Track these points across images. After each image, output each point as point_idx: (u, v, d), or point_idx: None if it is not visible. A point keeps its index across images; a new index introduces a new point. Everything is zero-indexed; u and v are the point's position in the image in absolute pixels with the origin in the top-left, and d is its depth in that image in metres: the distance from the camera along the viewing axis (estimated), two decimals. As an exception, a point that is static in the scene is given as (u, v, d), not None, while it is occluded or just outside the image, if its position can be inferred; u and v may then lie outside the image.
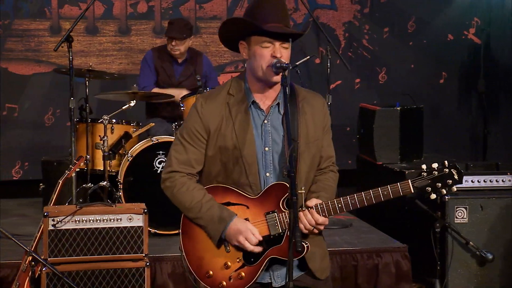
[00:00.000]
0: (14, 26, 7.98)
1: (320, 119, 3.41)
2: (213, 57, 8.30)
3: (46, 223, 4.78)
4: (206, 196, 3.28)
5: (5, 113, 7.99)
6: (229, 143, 3.27)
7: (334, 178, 3.47)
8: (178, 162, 3.33)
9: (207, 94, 3.40)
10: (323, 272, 3.42)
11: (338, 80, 8.70)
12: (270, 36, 3.20)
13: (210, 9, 8.37)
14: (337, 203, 3.22)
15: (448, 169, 3.19)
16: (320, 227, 3.24)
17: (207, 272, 3.28)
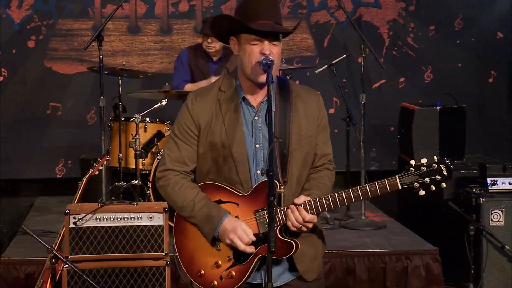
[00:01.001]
0: (57, 26, 8.11)
1: (314, 116, 3.34)
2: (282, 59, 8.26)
3: (67, 221, 4.83)
4: (199, 194, 3.26)
5: (49, 112, 8.13)
6: (219, 140, 3.24)
7: (330, 176, 3.38)
8: (171, 160, 3.31)
9: (199, 91, 3.38)
10: (311, 274, 3.34)
11: (381, 79, 8.56)
12: (258, 34, 3.16)
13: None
14: (325, 200, 3.14)
15: (436, 165, 3.06)
16: (308, 224, 3.17)
17: (199, 271, 3.26)
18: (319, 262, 3.42)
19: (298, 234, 3.23)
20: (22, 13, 8.04)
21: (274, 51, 3.18)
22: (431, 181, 3.05)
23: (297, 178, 3.28)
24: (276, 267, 3.28)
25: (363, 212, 6.53)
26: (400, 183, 3.08)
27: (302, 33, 8.44)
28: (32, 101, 8.11)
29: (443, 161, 3.06)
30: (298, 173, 3.28)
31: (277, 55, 3.21)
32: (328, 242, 5.65)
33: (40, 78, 8.13)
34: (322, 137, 3.37)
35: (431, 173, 3.05)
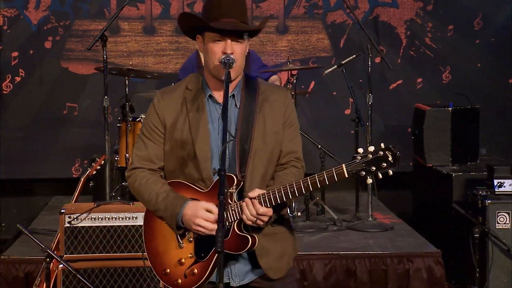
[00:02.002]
0: (74, 26, 8.18)
1: (279, 113, 3.32)
2: (269, 56, 8.26)
3: (62, 220, 4.89)
4: (164, 187, 3.26)
5: (66, 112, 8.20)
6: (183, 137, 3.24)
7: (296, 174, 3.32)
8: (138, 159, 3.33)
9: (165, 89, 3.40)
10: (276, 272, 3.31)
11: (398, 80, 8.47)
12: (220, 32, 3.16)
13: (266, 8, 8.33)
14: (277, 192, 3.10)
15: (382, 152, 3.00)
16: (263, 217, 3.12)
17: (164, 269, 3.26)
18: (287, 261, 3.38)
19: (260, 230, 3.21)
20: (39, 14, 8.13)
21: (237, 50, 3.18)
22: (377, 168, 2.99)
23: (262, 174, 3.26)
24: (241, 265, 3.28)
25: (370, 214, 6.47)
26: (346, 171, 3.02)
27: (318, 33, 8.39)
28: (49, 101, 8.19)
29: (389, 148, 2.99)
30: (263, 170, 3.26)
31: (241, 54, 3.21)
32: (331, 244, 5.75)
33: (56, 78, 8.20)
34: (289, 134, 3.34)
35: (377, 160, 2.98)
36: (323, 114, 8.36)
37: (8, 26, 8.13)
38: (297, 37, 8.37)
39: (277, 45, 8.35)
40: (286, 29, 8.36)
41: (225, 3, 3.20)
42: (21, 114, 8.16)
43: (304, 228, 6.27)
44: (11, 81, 8.15)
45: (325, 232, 6.23)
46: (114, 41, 8.12)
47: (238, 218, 3.15)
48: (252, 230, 3.20)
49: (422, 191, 7.46)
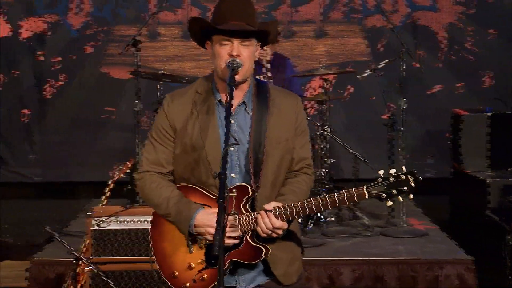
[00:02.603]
0: (113, 32, 8.31)
1: (290, 120, 3.31)
2: (306, 61, 8.25)
3: (90, 223, 4.95)
4: (174, 192, 3.26)
5: (105, 116, 8.31)
6: (194, 142, 3.24)
7: (307, 181, 3.33)
8: (148, 162, 3.34)
9: (175, 93, 3.39)
10: (288, 278, 3.31)
11: (438, 84, 8.37)
12: (226, 34, 3.16)
13: (304, 13, 8.32)
14: (294, 207, 3.10)
15: (404, 176, 2.99)
16: (278, 231, 3.13)
17: (173, 272, 3.27)
18: (298, 266, 3.39)
19: (272, 240, 3.21)
20: (80, 20, 8.28)
21: (244, 53, 3.17)
22: (398, 192, 2.99)
23: (272, 181, 3.25)
24: (249, 271, 3.28)
25: (403, 220, 6.39)
26: (367, 193, 3.02)
27: (356, 38, 8.36)
28: (88, 105, 8.32)
29: (412, 173, 3.00)
30: (273, 177, 3.25)
31: (248, 56, 3.19)
32: (360, 249, 5.70)
33: (96, 83, 8.34)
34: (300, 141, 3.34)
35: (398, 184, 2.99)
36: (360, 118, 8.31)
37: (50, 31, 8.28)
38: (334, 41, 8.35)
39: (314, 49, 8.34)
40: (323, 34, 8.34)
41: (232, 7, 3.20)
42: (61, 118, 8.32)
43: (335, 233, 6.23)
44: (53, 86, 8.31)
45: (356, 238, 6.18)
46: (152, 46, 8.22)
47: (252, 229, 3.15)
48: (264, 240, 3.20)
49: (458, 197, 7.36)
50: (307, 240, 5.92)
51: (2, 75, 8.30)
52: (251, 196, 3.17)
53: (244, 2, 3.24)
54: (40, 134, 8.33)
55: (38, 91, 8.32)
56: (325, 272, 5.45)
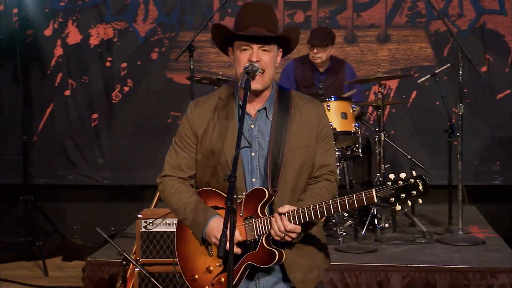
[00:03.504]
0: (179, 38, 8.44)
1: (312, 126, 3.33)
2: (370, 66, 8.19)
3: (139, 225, 5.07)
4: (193, 197, 3.32)
5: (170, 121, 8.46)
6: (215, 147, 3.30)
7: (328, 187, 3.34)
8: (170, 167, 3.42)
9: (199, 99, 3.47)
10: (305, 285, 3.33)
11: (506, 90, 8.17)
12: (246, 40, 3.19)
13: (367, 17, 8.27)
14: (307, 211, 3.13)
15: (413, 180, 2.98)
16: (291, 234, 3.15)
17: (193, 275, 3.35)
18: (317, 274, 3.40)
19: (290, 245, 3.23)
20: (147, 26, 8.46)
21: (264, 58, 3.21)
22: (407, 196, 2.97)
23: (292, 187, 3.28)
24: (269, 277, 3.32)
25: (460, 227, 6.28)
26: (376, 196, 3.02)
27: (420, 42, 8.24)
28: (154, 110, 8.48)
29: (420, 177, 2.98)
30: (293, 183, 3.28)
31: (268, 62, 3.23)
32: (413, 256, 5.64)
33: (162, 88, 8.49)
34: (322, 148, 3.35)
35: (407, 188, 2.99)
36: (425, 124, 8.18)
37: (118, 38, 8.50)
38: (398, 46, 8.26)
39: (378, 54, 8.28)
40: (387, 38, 8.27)
41: (252, 14, 3.25)
42: (128, 122, 8.50)
43: (390, 240, 6.18)
44: (120, 91, 8.52)
45: (411, 245, 6.12)
46: (216, 52, 8.31)
47: (267, 232, 3.18)
48: (281, 245, 3.22)
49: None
50: (359, 246, 5.91)
51: (72, 80, 8.54)
52: (268, 199, 3.20)
53: (265, 9, 3.28)
54: (108, 138, 8.54)
55: (106, 96, 8.53)
56: (374, 278, 5.42)
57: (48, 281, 6.84)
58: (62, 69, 8.56)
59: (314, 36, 6.96)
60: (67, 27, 8.52)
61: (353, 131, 6.34)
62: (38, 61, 8.57)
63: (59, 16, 8.53)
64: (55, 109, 8.59)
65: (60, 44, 8.54)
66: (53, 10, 8.53)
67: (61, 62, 8.55)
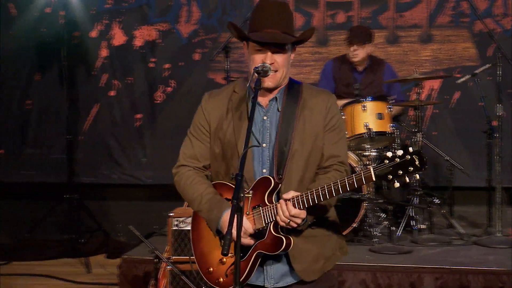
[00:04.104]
0: (220, 39, 8.49)
1: (320, 117, 3.35)
2: (412, 66, 8.05)
3: (170, 223, 5.13)
4: (208, 189, 3.36)
5: (212, 120, 8.50)
6: (227, 139, 3.34)
7: (337, 177, 3.30)
8: (185, 157, 3.47)
9: (213, 91, 3.52)
10: (309, 274, 3.33)
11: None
12: (259, 43, 3.21)
13: (410, 17, 8.21)
14: (310, 194, 3.14)
15: (409, 156, 2.96)
16: (295, 219, 3.16)
17: (208, 268, 3.39)
18: (323, 264, 3.40)
19: (298, 233, 3.24)
20: (189, 28, 8.55)
21: (278, 60, 3.25)
22: (404, 172, 2.96)
23: (300, 176, 3.30)
24: (277, 268, 3.34)
25: (498, 229, 6.20)
26: (374, 174, 3.01)
27: (464, 42, 8.15)
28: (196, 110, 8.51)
29: (417, 152, 2.97)
30: (300, 172, 3.30)
31: (282, 63, 3.28)
32: (447, 258, 5.58)
33: (203, 89, 8.52)
34: (331, 138, 3.36)
35: (404, 164, 2.97)
36: (467, 125, 8.08)
37: (161, 39, 8.60)
38: (441, 46, 8.18)
39: (420, 54, 8.21)
40: (430, 38, 8.20)
41: (267, 15, 3.27)
42: (170, 122, 8.59)
43: (426, 241, 6.13)
44: (163, 91, 8.63)
45: (447, 246, 6.06)
46: (256, 52, 8.34)
47: (274, 220, 3.21)
48: (289, 232, 3.24)
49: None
50: (393, 247, 5.88)
51: (117, 81, 8.69)
52: (275, 188, 3.22)
53: (280, 9, 3.30)
54: (151, 138, 8.65)
55: (149, 97, 8.65)
56: (407, 279, 5.39)
57: (90, 278, 6.94)
58: (107, 70, 8.72)
59: (352, 34, 6.96)
60: (112, 28, 8.68)
61: (389, 131, 6.30)
62: (84, 62, 8.75)
63: (105, 18, 8.69)
64: (100, 109, 8.76)
65: (105, 46, 8.70)
66: (99, 12, 8.70)
67: (106, 63, 8.71)
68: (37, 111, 8.88)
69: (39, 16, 8.72)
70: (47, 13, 8.70)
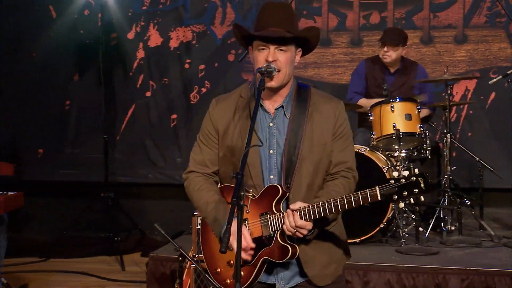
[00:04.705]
0: (255, 40, 8.54)
1: (329, 124, 3.37)
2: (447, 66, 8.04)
3: (195, 221, 5.19)
4: (214, 196, 3.41)
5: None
6: (234, 144, 3.38)
7: (345, 184, 3.37)
8: (194, 163, 3.53)
9: (220, 97, 3.57)
10: (322, 279, 3.37)
11: None
12: (263, 40, 3.25)
13: (445, 18, 8.16)
14: (316, 208, 3.18)
15: (415, 178, 3.00)
16: (302, 230, 3.21)
17: (216, 269, 3.45)
18: (334, 269, 3.44)
19: (307, 240, 3.28)
20: (224, 29, 8.62)
21: (280, 58, 3.28)
22: (409, 193, 3.00)
23: (308, 184, 3.33)
24: (286, 271, 3.40)
25: (531, 232, 6.15)
26: (379, 194, 3.05)
27: (500, 43, 8.06)
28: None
29: (422, 175, 3.00)
30: (309, 180, 3.33)
31: (284, 62, 3.30)
32: (474, 260, 5.55)
33: (238, 89, 8.60)
34: (339, 145, 3.38)
35: (409, 186, 3.03)
36: (503, 126, 7.99)
37: (196, 41, 8.69)
38: (476, 46, 8.11)
39: (455, 55, 8.15)
40: (465, 39, 8.13)
41: (271, 14, 3.32)
42: (202, 122, 8.66)
43: (455, 242, 6.10)
44: (198, 92, 8.72)
45: (476, 248, 6.01)
46: (291, 54, 8.38)
47: (281, 228, 3.25)
48: (298, 240, 3.28)
49: None
50: (420, 248, 5.86)
51: (153, 82, 8.81)
52: (282, 196, 3.26)
53: (283, 10, 3.34)
54: (186, 138, 8.74)
55: (185, 97, 8.74)
56: (432, 280, 5.36)
57: (123, 275, 7.04)
58: (143, 71, 8.84)
59: (385, 35, 6.96)
60: (148, 30, 8.80)
61: (417, 132, 6.27)
62: (121, 63, 8.89)
63: (141, 19, 8.82)
64: (137, 110, 8.89)
65: (141, 47, 8.83)
66: (136, 14, 8.83)
67: (143, 64, 8.84)
68: (76, 112, 9.05)
69: (77, 18, 8.88)
70: (86, 15, 8.87)
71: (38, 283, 6.79)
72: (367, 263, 5.49)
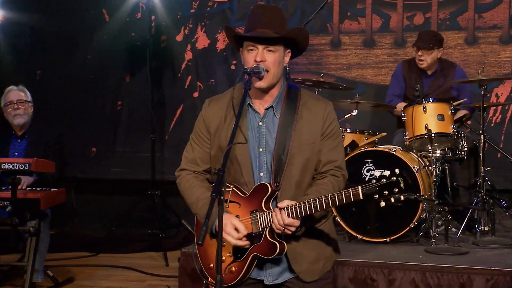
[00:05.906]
0: (303, 41, 8.63)
1: (318, 124, 3.44)
2: (492, 67, 8.01)
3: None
4: (205, 193, 3.50)
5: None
6: (225, 143, 3.45)
7: (334, 182, 3.43)
8: (186, 161, 3.64)
9: (213, 98, 3.65)
10: (309, 275, 3.44)
11: None
12: (251, 40, 3.35)
13: (490, 18, 8.09)
14: (302, 206, 3.25)
15: (396, 178, 3.04)
16: (290, 228, 3.28)
17: (209, 264, 3.55)
18: (322, 265, 3.51)
19: (296, 237, 3.37)
20: (269, 30, 8.71)
21: (269, 58, 3.36)
22: (390, 193, 3.06)
23: (297, 182, 3.41)
24: (275, 267, 3.49)
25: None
26: (361, 193, 3.12)
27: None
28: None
29: (402, 175, 3.07)
30: (298, 178, 3.41)
31: (273, 62, 3.38)
32: (502, 261, 5.52)
33: (281, 90, 8.69)
34: (328, 145, 3.45)
35: (390, 185, 3.08)
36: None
37: (243, 42, 8.82)
38: (522, 47, 8.03)
39: (500, 55, 8.08)
40: (510, 39, 8.05)
41: (260, 16, 3.41)
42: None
43: (487, 243, 6.06)
44: (244, 93, 8.83)
45: (507, 249, 5.96)
46: (335, 54, 8.48)
47: (270, 226, 3.35)
48: (287, 237, 3.37)
49: None
50: (449, 248, 5.85)
51: (200, 83, 8.99)
52: (271, 194, 3.36)
53: (272, 11, 3.43)
54: (231, 138, 8.85)
55: (230, 98, 8.86)
56: (457, 280, 5.35)
57: (166, 271, 7.19)
58: (191, 72, 9.05)
59: (419, 39, 6.94)
60: (196, 32, 9.00)
61: (450, 133, 6.26)
62: (170, 65, 9.12)
63: (190, 22, 9.02)
64: (184, 110, 9.09)
65: (189, 49, 9.03)
66: (184, 17, 9.04)
67: (191, 65, 9.04)
68: (127, 111, 9.30)
69: (129, 21, 9.14)
70: (137, 18, 9.12)
71: (83, 276, 7.01)
72: (392, 261, 5.52)
